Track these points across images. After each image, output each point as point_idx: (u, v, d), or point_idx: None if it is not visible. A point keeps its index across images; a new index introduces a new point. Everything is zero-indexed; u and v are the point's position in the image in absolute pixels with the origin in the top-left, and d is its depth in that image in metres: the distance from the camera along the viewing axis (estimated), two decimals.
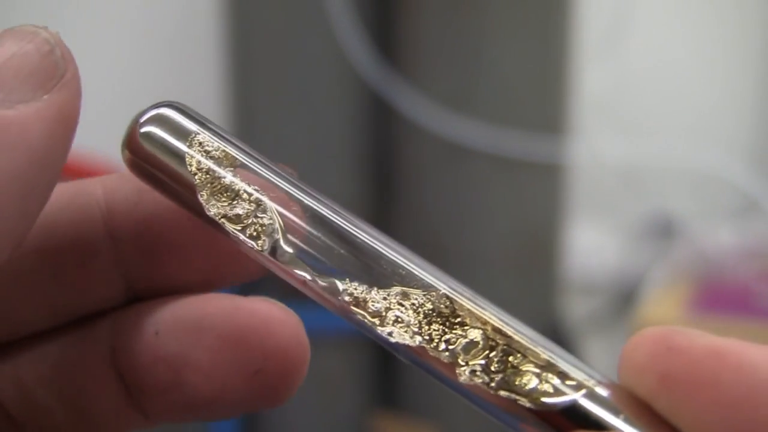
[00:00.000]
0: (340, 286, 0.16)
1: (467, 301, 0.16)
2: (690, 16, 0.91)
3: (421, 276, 0.16)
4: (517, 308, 0.64)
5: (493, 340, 0.16)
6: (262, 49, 0.73)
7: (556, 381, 0.15)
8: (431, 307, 0.16)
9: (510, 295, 0.74)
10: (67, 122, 0.16)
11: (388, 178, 0.76)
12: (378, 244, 0.17)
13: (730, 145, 0.91)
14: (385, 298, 0.16)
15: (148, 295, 0.18)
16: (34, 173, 0.15)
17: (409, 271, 0.17)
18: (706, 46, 0.92)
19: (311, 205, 0.17)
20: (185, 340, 0.17)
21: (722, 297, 0.67)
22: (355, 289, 0.16)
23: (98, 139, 0.92)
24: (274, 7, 0.72)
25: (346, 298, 0.16)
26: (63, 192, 0.18)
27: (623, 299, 0.77)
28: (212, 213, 0.17)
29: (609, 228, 0.87)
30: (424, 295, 0.16)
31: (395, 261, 0.17)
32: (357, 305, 0.16)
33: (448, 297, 0.16)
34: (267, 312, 0.17)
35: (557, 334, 0.77)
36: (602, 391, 0.15)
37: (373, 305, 0.16)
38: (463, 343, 0.16)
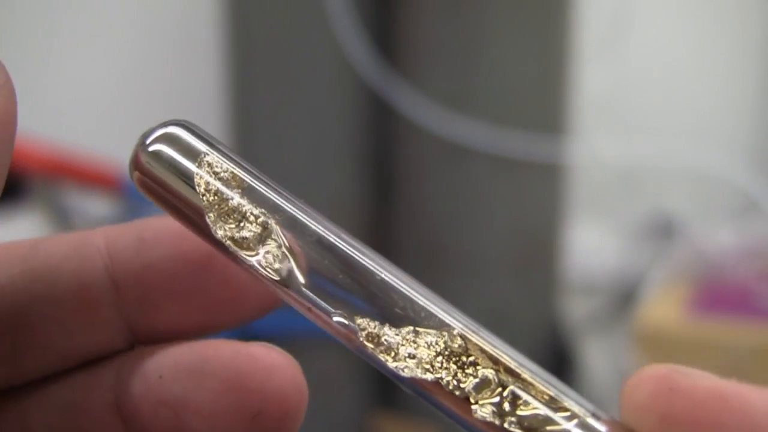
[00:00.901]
0: (351, 320, 0.16)
1: (480, 339, 0.16)
2: (690, 16, 0.91)
3: (435, 313, 0.16)
4: (517, 308, 0.64)
5: (504, 378, 0.16)
6: (262, 50, 0.73)
7: (560, 416, 0.15)
8: (444, 345, 0.16)
9: (510, 295, 0.74)
10: (5, 125, 0.16)
11: (388, 178, 0.76)
12: (391, 277, 0.17)
13: (730, 145, 0.91)
14: (397, 334, 0.16)
15: (150, 340, 0.19)
16: None
17: (423, 307, 0.16)
18: (705, 47, 0.92)
19: (321, 231, 0.17)
20: (187, 384, 0.18)
21: (722, 297, 0.67)
22: (368, 324, 0.16)
23: (99, 139, 0.92)
24: (274, 8, 0.72)
25: (359, 334, 0.16)
26: (67, 242, 0.18)
27: (623, 299, 0.77)
28: (219, 235, 0.17)
29: (609, 228, 0.87)
30: (438, 333, 0.16)
31: (409, 296, 0.16)
32: (369, 340, 0.16)
33: (461, 336, 0.16)
34: (266, 357, 0.18)
35: (557, 334, 0.77)
36: (602, 428, 0.15)
37: (385, 340, 0.16)
38: (475, 383, 0.16)
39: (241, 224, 0.17)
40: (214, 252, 0.17)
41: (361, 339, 0.16)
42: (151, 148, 0.17)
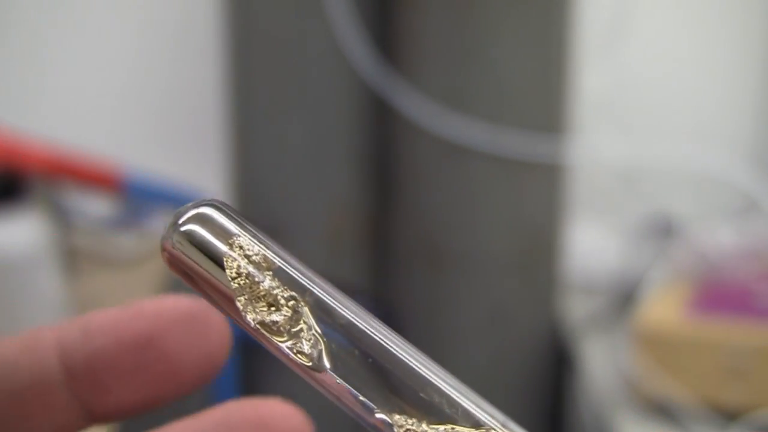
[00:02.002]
0: (387, 414, 0.16)
1: None
2: (690, 15, 0.91)
3: (472, 411, 0.16)
4: (517, 308, 0.64)
5: None
6: (262, 49, 0.73)
7: None
8: None
9: (510, 295, 0.74)
10: None
11: (388, 178, 0.76)
12: (426, 370, 0.16)
13: (730, 146, 0.91)
14: (435, 430, 0.16)
15: (104, 418, 0.20)
16: None
17: (460, 404, 0.16)
18: (706, 46, 0.92)
19: (350, 317, 0.17)
20: None
21: (722, 297, 0.67)
22: (406, 421, 0.16)
23: (99, 139, 0.92)
24: (274, 7, 0.72)
25: (395, 430, 0.16)
26: (20, 340, 0.19)
27: (623, 299, 0.77)
28: (249, 319, 0.16)
29: (609, 228, 0.87)
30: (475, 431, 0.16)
31: (445, 392, 0.16)
32: None
33: None
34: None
35: (557, 333, 0.77)
36: None
37: None
38: None
39: (272, 308, 0.17)
40: (152, 333, 0.18)
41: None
42: (183, 228, 0.17)
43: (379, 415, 0.16)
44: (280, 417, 0.20)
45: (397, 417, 0.16)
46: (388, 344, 0.16)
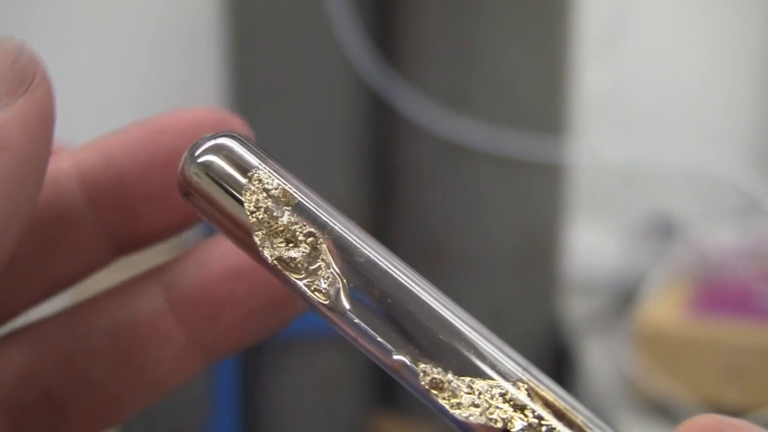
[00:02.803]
0: (412, 361, 0.16)
1: (547, 391, 0.15)
2: (690, 16, 0.91)
3: (501, 360, 0.16)
4: (517, 308, 0.64)
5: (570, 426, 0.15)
6: (262, 49, 0.73)
7: None
8: (510, 396, 0.15)
9: (510, 295, 0.74)
10: (44, 119, 0.16)
11: (388, 178, 0.76)
12: (452, 316, 0.16)
13: (730, 145, 0.91)
14: (462, 382, 0.15)
15: (132, 247, 0.20)
16: (20, 172, 0.15)
17: (489, 353, 0.16)
18: (705, 46, 0.92)
19: (372, 254, 0.16)
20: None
21: (722, 297, 0.67)
22: (431, 369, 0.15)
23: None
24: (273, 7, 0.72)
25: (421, 378, 0.16)
26: None
27: (623, 299, 0.77)
28: (266, 255, 0.16)
29: (609, 228, 0.87)
30: (503, 382, 0.15)
31: (470, 339, 0.16)
32: (432, 386, 0.15)
33: (528, 388, 0.15)
34: None
35: (557, 334, 0.77)
36: None
37: (449, 387, 0.15)
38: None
39: (290, 244, 0.16)
40: (177, 149, 0.17)
41: (424, 384, 0.15)
42: (200, 159, 0.16)
43: (397, 357, 0.16)
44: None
45: (422, 365, 0.15)
46: (410, 285, 0.16)
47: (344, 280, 0.16)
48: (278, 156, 0.17)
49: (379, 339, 0.16)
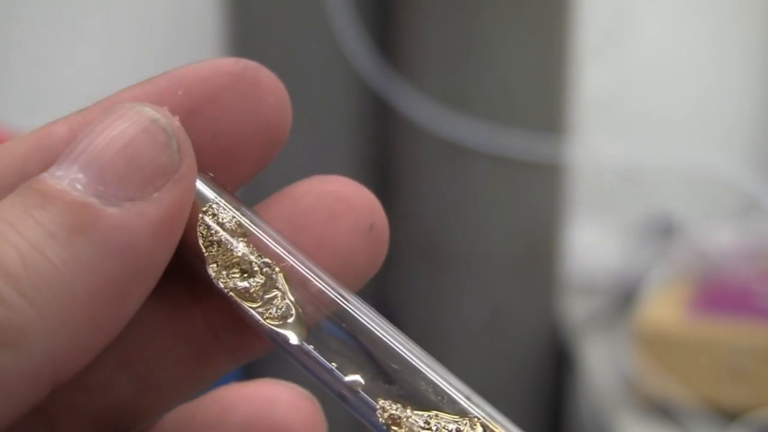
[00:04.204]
0: (370, 394, 0.16)
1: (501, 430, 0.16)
2: (690, 15, 0.91)
3: (457, 399, 0.16)
4: (517, 308, 0.64)
5: None
6: (262, 50, 0.73)
7: None
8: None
9: (510, 295, 0.74)
10: (174, 225, 0.15)
11: (388, 178, 0.76)
12: (410, 354, 0.16)
13: (730, 145, 0.91)
14: (419, 418, 0.16)
15: None
16: (132, 279, 0.14)
17: (445, 391, 0.16)
18: (706, 46, 0.91)
19: (324, 287, 0.16)
20: None
21: (722, 297, 0.67)
22: (390, 406, 0.16)
23: None
24: (274, 7, 0.72)
25: (378, 413, 0.16)
26: (27, 140, 0.16)
27: (623, 299, 0.77)
28: (221, 285, 0.16)
29: (609, 228, 0.87)
30: (460, 419, 0.16)
31: (431, 378, 0.16)
32: (390, 421, 0.16)
33: (483, 425, 0.16)
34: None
35: (557, 334, 0.77)
36: None
37: (407, 423, 0.16)
38: None
39: (245, 274, 0.16)
40: (194, 105, 0.16)
41: (381, 419, 0.16)
42: None
43: (349, 378, 0.16)
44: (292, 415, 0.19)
45: (382, 402, 0.16)
46: (362, 317, 0.16)
47: (299, 309, 0.16)
48: (277, 156, 0.17)
49: (330, 366, 0.16)
